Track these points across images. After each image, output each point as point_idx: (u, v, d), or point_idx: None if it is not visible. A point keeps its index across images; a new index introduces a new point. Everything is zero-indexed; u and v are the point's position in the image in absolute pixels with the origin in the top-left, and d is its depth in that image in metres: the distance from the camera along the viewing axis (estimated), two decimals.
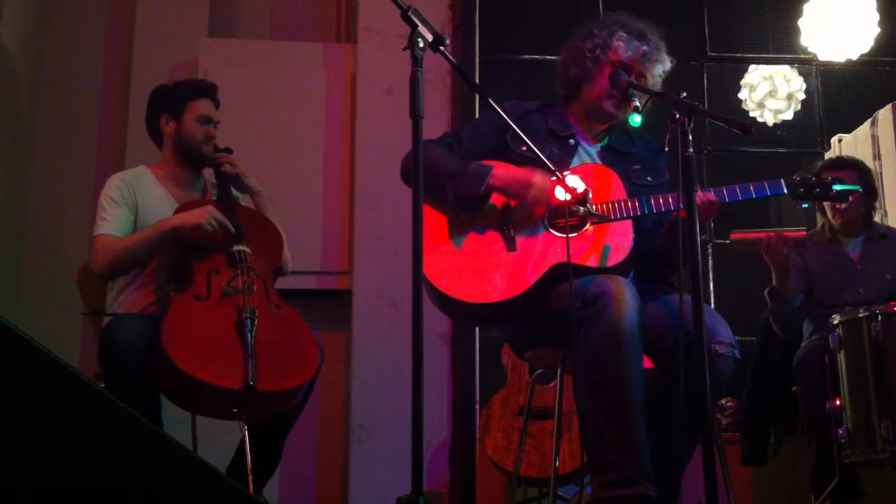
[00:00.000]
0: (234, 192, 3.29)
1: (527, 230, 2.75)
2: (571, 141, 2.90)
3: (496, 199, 2.79)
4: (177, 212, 3.09)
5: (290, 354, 2.88)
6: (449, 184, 2.75)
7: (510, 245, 2.72)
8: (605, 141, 2.96)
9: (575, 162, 2.87)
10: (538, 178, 2.67)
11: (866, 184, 3.85)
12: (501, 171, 2.75)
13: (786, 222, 6.16)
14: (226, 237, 3.04)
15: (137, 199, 3.17)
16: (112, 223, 3.10)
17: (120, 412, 1.49)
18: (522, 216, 2.76)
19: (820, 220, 4.04)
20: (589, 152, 2.92)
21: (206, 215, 3.00)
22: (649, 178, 2.90)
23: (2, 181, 4.53)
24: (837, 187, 2.83)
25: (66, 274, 3.51)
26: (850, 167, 3.85)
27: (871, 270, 3.78)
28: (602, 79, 2.84)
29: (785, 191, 2.79)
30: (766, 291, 3.66)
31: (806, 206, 2.86)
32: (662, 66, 2.88)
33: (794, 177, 2.85)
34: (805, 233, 3.31)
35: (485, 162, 2.80)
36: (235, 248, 3.03)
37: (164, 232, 3.02)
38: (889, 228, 4.15)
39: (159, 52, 4.87)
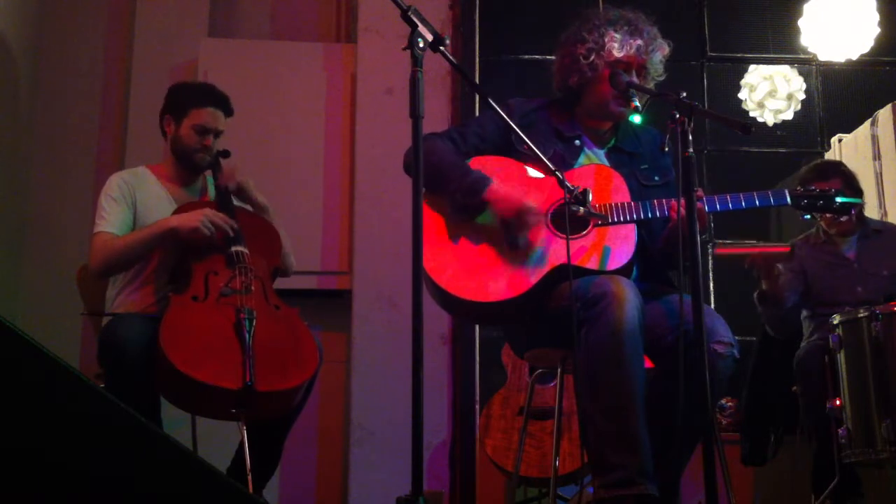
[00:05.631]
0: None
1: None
2: (577, 142, 2.89)
3: None
4: (175, 213, 3.09)
5: (289, 354, 2.88)
6: (450, 184, 2.74)
7: (512, 244, 2.72)
8: (612, 142, 2.95)
9: (580, 162, 2.86)
10: (530, 205, 2.67)
11: (853, 187, 3.82)
12: (498, 186, 2.72)
13: (785, 224, 6.16)
14: (224, 238, 3.04)
15: (137, 198, 3.17)
16: (111, 221, 3.10)
17: (120, 412, 1.48)
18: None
19: (817, 221, 4.02)
20: (596, 153, 2.91)
21: (202, 218, 3.00)
22: (656, 178, 2.88)
23: (2, 181, 4.53)
24: (840, 200, 2.82)
25: (66, 274, 3.52)
26: (833, 175, 3.79)
27: (867, 268, 3.78)
28: (604, 83, 2.82)
29: (789, 201, 2.78)
30: (755, 295, 3.65)
31: (808, 217, 2.86)
32: (661, 54, 2.86)
33: (798, 187, 2.84)
34: (790, 247, 3.32)
35: (486, 165, 2.79)
36: (233, 248, 3.03)
37: (162, 232, 3.02)
38: (883, 224, 4.14)
39: (159, 52, 4.87)
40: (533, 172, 2.79)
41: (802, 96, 5.81)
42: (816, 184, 3.67)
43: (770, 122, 5.85)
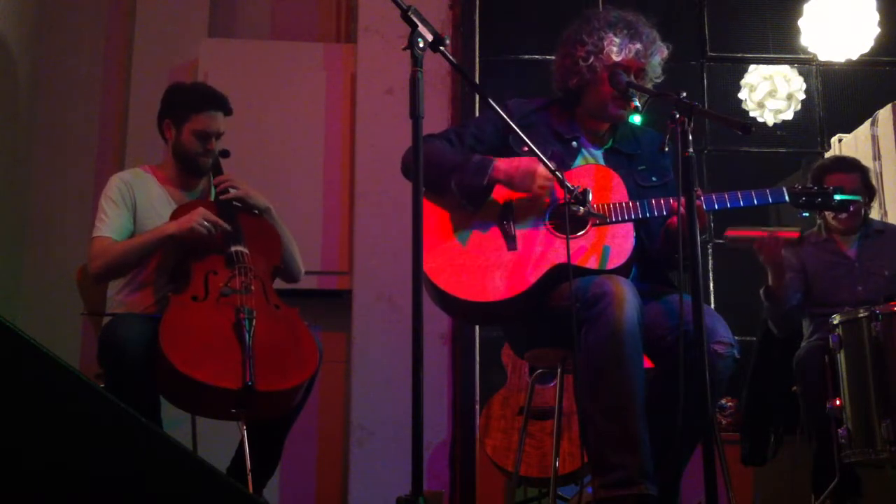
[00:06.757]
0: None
1: (528, 229, 2.75)
2: (574, 143, 2.89)
3: (498, 196, 2.78)
4: (173, 215, 3.09)
5: (289, 354, 2.88)
6: (452, 176, 2.74)
7: (511, 244, 2.72)
8: (610, 143, 2.95)
9: (578, 163, 2.86)
10: (541, 168, 2.67)
11: (868, 185, 3.85)
12: (504, 163, 2.74)
13: (785, 220, 6.16)
14: (224, 238, 3.04)
15: (137, 199, 3.17)
16: (110, 225, 3.10)
17: (120, 412, 1.49)
18: (524, 214, 2.76)
19: (817, 220, 4.03)
20: (593, 154, 2.91)
21: (196, 219, 3.00)
22: (654, 179, 2.88)
23: (2, 181, 4.53)
24: (839, 197, 2.82)
25: (66, 274, 3.52)
26: (855, 170, 3.82)
27: (868, 268, 3.78)
28: (603, 84, 2.82)
29: (787, 199, 2.78)
30: (761, 291, 3.65)
31: (807, 214, 2.86)
32: (659, 56, 2.86)
33: (797, 185, 2.84)
34: (799, 233, 3.31)
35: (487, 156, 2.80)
36: (233, 248, 3.03)
37: (161, 238, 3.03)
38: (885, 224, 4.14)
39: (159, 52, 4.87)
40: None
41: (802, 96, 5.81)
42: (836, 175, 3.69)
43: (770, 122, 5.85)
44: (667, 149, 2.69)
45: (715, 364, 2.50)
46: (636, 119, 3.01)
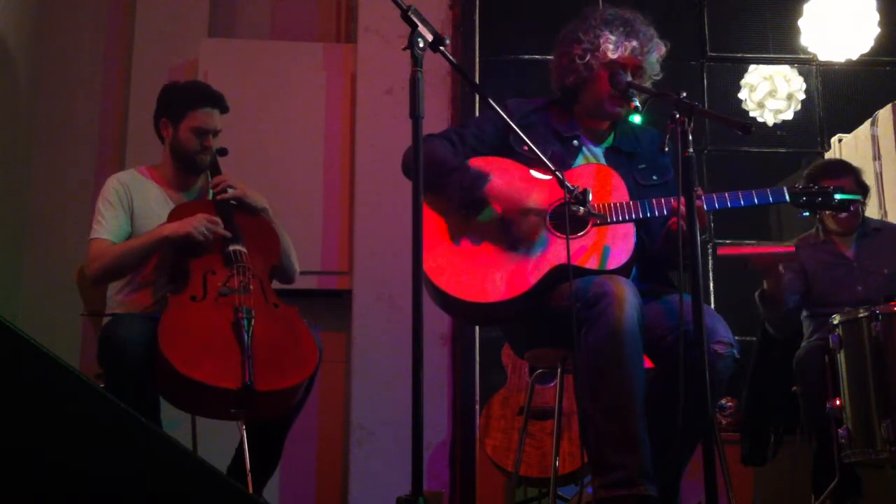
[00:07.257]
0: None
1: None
2: (575, 142, 2.89)
3: None
4: (171, 215, 3.09)
5: (288, 353, 2.88)
6: (450, 182, 2.74)
7: (511, 244, 2.72)
8: (610, 141, 2.95)
9: (579, 162, 2.86)
10: (533, 201, 2.66)
11: (862, 185, 3.85)
12: (498, 185, 2.72)
13: (786, 223, 6.17)
14: (222, 238, 3.04)
15: (134, 201, 3.18)
16: (107, 227, 3.11)
17: (120, 412, 1.49)
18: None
19: (815, 222, 4.02)
20: (594, 153, 2.91)
21: (194, 223, 3.00)
22: (655, 178, 2.88)
23: (2, 181, 4.53)
24: (839, 196, 2.82)
25: (66, 274, 3.52)
26: (847, 173, 3.82)
27: (867, 267, 3.78)
28: (600, 82, 2.82)
29: (787, 199, 2.78)
30: (756, 295, 3.65)
31: (807, 214, 2.86)
32: (657, 54, 2.86)
33: (797, 185, 2.84)
34: (794, 248, 3.32)
35: (485, 165, 2.79)
36: (231, 248, 3.03)
37: (157, 240, 3.03)
38: (882, 222, 4.14)
39: (159, 52, 4.87)
40: (532, 173, 2.79)
41: (802, 96, 5.80)
42: (827, 181, 3.67)
43: (770, 122, 5.85)
44: (667, 149, 2.69)
45: (715, 364, 2.50)
46: (636, 119, 3.01)
